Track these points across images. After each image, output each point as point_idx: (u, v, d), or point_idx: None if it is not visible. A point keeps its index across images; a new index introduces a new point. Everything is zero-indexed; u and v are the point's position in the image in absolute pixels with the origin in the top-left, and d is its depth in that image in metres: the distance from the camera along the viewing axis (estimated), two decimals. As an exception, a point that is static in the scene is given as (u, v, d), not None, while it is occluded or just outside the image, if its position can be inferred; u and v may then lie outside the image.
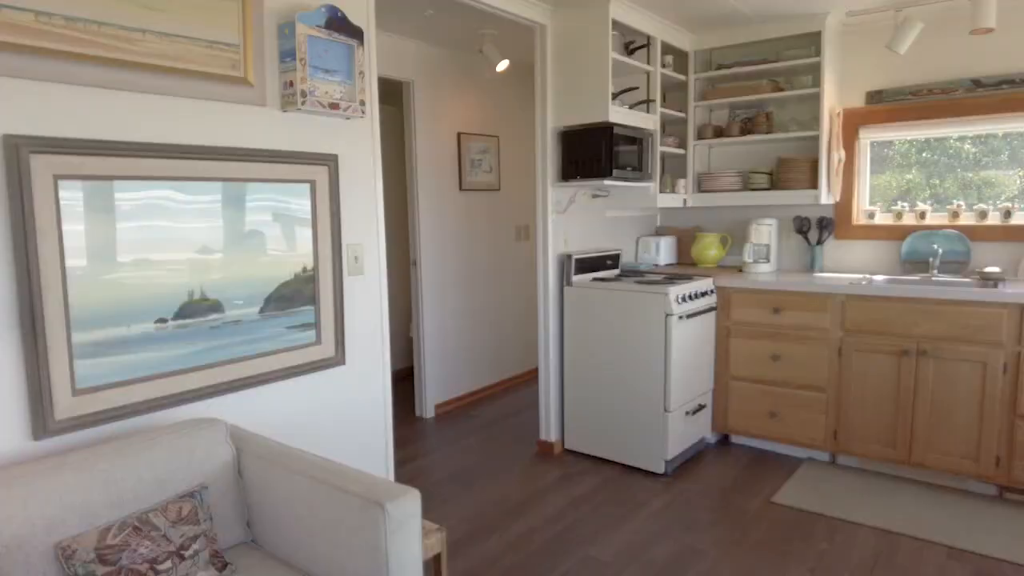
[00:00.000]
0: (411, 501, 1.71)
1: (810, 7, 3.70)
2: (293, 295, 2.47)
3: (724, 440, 4.19)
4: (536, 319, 4.72)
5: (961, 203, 3.86)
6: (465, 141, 4.93)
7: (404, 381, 5.32)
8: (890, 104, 3.93)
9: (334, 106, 2.44)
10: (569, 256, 3.87)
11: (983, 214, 3.77)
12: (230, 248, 2.25)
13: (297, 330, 2.50)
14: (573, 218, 4.03)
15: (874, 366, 3.51)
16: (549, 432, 4.02)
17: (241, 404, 2.32)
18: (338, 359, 2.63)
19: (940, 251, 3.76)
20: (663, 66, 4.08)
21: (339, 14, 2.43)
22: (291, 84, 2.34)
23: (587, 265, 3.99)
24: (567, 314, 3.92)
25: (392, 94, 4.99)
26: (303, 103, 2.33)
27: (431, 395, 4.75)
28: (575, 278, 3.90)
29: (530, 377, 5.67)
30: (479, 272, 5.13)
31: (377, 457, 2.85)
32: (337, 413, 2.66)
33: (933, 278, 3.73)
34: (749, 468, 3.77)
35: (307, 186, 2.50)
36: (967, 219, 3.82)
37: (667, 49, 4.11)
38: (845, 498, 3.36)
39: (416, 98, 4.53)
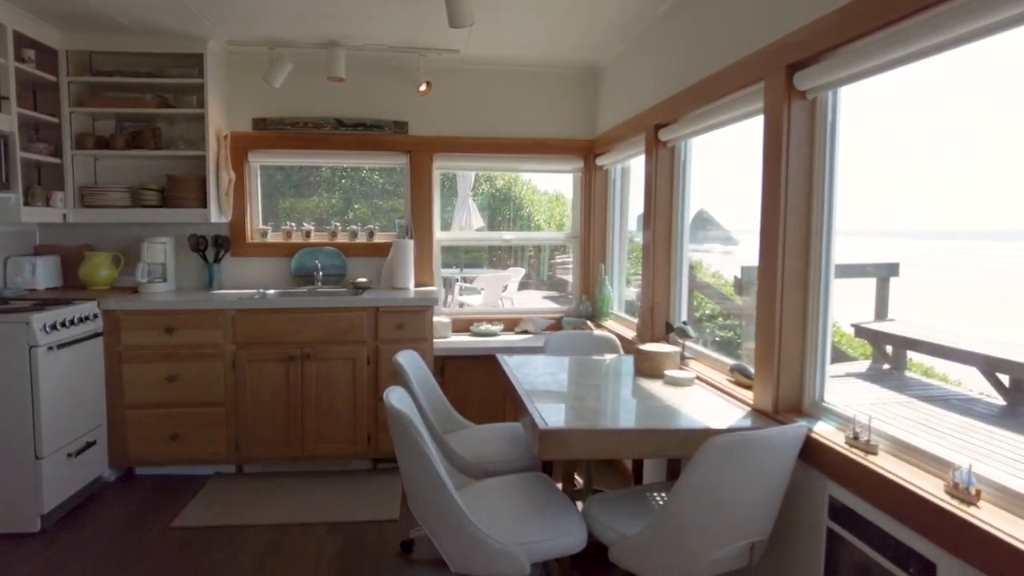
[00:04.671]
0: None
1: (190, 29, 3.74)
2: None
3: (128, 474, 3.88)
4: None
5: (338, 224, 4.48)
6: None
7: None
8: (274, 132, 4.29)
9: None
10: None
11: (354, 234, 4.46)
12: None
13: None
14: None
15: (266, 374, 3.76)
16: None
17: None
18: None
19: (321, 265, 4.29)
20: (22, 60, 3.53)
21: None
22: None
23: (-82, 294, 3.15)
24: None
25: None
26: None
27: None
28: None
29: None
30: None
31: None
32: None
33: (318, 289, 4.22)
34: (152, 498, 3.58)
35: None
36: (343, 238, 4.46)
37: (27, 42, 3.58)
38: (246, 504, 3.50)
39: None
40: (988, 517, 1.48)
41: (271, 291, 4.14)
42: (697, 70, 2.87)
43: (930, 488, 1.64)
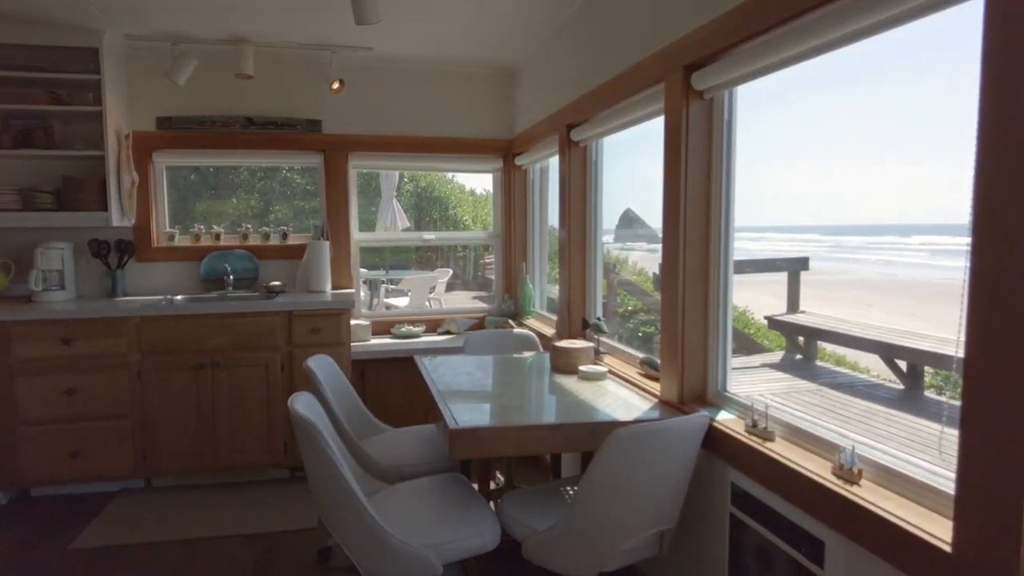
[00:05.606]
0: None
1: (80, 20, 3.53)
2: None
3: (23, 495, 3.64)
4: None
5: (249, 226, 4.34)
6: None
7: None
8: (180, 131, 4.11)
9: None
10: None
11: (266, 236, 4.33)
12: None
13: None
14: None
15: (175, 383, 3.60)
16: None
17: None
18: None
19: (231, 269, 4.14)
20: None
21: None
22: None
23: None
24: None
25: None
26: None
27: None
28: None
29: None
30: None
31: None
32: None
33: (228, 294, 4.07)
34: (50, 520, 3.37)
35: None
36: (255, 240, 4.32)
37: None
38: (155, 520, 3.34)
39: None
40: (867, 495, 1.56)
41: (179, 297, 3.97)
42: (605, 71, 2.93)
43: (818, 470, 1.72)
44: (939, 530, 1.37)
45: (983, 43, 1.21)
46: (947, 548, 1.31)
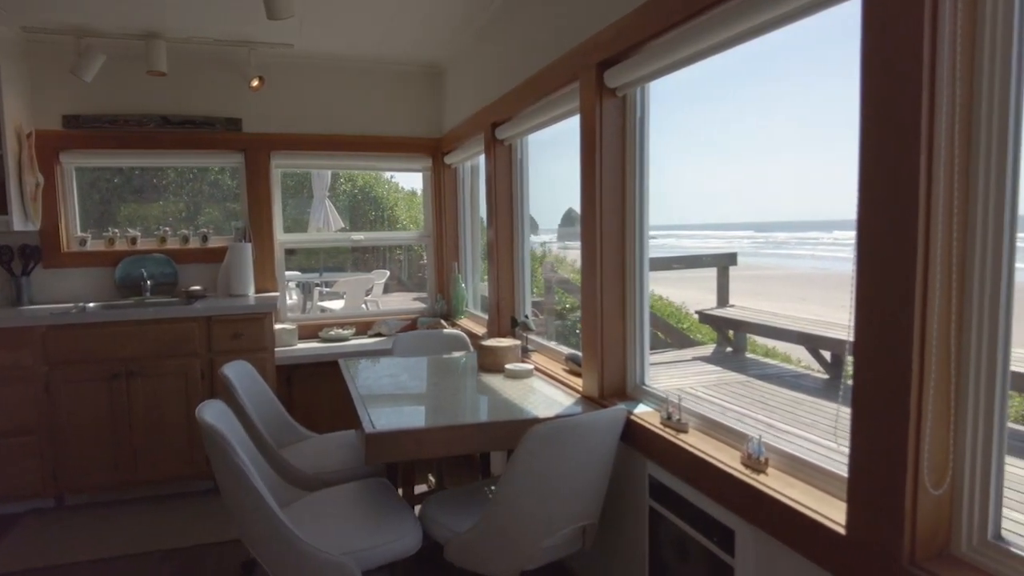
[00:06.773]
0: None
1: (-27, 13, 3.33)
2: None
3: (-81, 521, 3.40)
4: None
5: (168, 229, 4.17)
6: None
7: None
8: (89, 130, 3.91)
9: None
10: None
11: (186, 239, 4.16)
12: None
13: None
14: None
15: (87, 395, 3.42)
16: None
17: None
18: None
19: (148, 274, 3.97)
20: None
21: None
22: None
23: None
24: None
25: None
26: None
27: None
28: None
29: None
30: None
31: None
32: None
33: (145, 300, 3.90)
34: (-52, 545, 3.16)
35: None
36: (173, 243, 4.15)
37: None
38: (66, 541, 3.17)
39: None
40: (772, 483, 1.60)
41: (92, 304, 3.78)
42: (524, 69, 2.92)
43: (728, 460, 1.76)
44: (836, 514, 1.41)
45: (861, 44, 1.25)
46: (841, 531, 1.34)
